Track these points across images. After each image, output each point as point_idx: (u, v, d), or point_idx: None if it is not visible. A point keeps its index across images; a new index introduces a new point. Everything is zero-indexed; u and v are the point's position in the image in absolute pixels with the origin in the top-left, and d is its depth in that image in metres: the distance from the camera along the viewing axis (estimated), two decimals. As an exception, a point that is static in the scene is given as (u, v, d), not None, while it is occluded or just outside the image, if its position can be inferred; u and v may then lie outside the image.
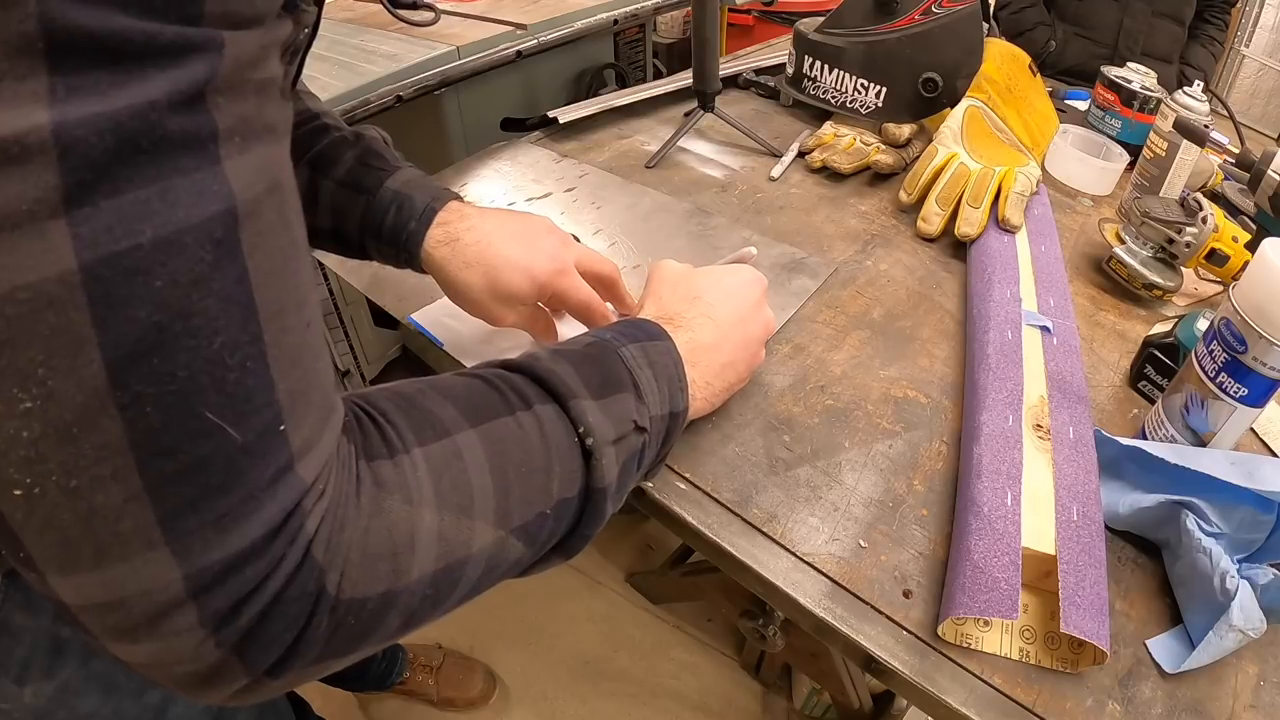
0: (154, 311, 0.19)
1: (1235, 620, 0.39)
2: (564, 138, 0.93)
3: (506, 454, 0.31)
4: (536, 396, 0.33)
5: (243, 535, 0.22)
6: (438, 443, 0.29)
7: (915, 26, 0.84)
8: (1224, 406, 0.46)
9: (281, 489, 0.23)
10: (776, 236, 0.74)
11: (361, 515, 0.25)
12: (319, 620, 0.24)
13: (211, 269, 0.20)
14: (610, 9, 1.29)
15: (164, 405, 0.20)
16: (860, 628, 0.42)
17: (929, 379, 0.58)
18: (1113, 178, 0.90)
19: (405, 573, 0.26)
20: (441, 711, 1.18)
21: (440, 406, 0.30)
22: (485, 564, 0.30)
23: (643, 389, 0.37)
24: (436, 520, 0.27)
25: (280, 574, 0.23)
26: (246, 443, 0.22)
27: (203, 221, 0.20)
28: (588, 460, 0.33)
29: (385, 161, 0.52)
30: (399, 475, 0.27)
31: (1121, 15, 1.30)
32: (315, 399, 0.25)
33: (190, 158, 0.20)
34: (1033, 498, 0.45)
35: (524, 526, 0.31)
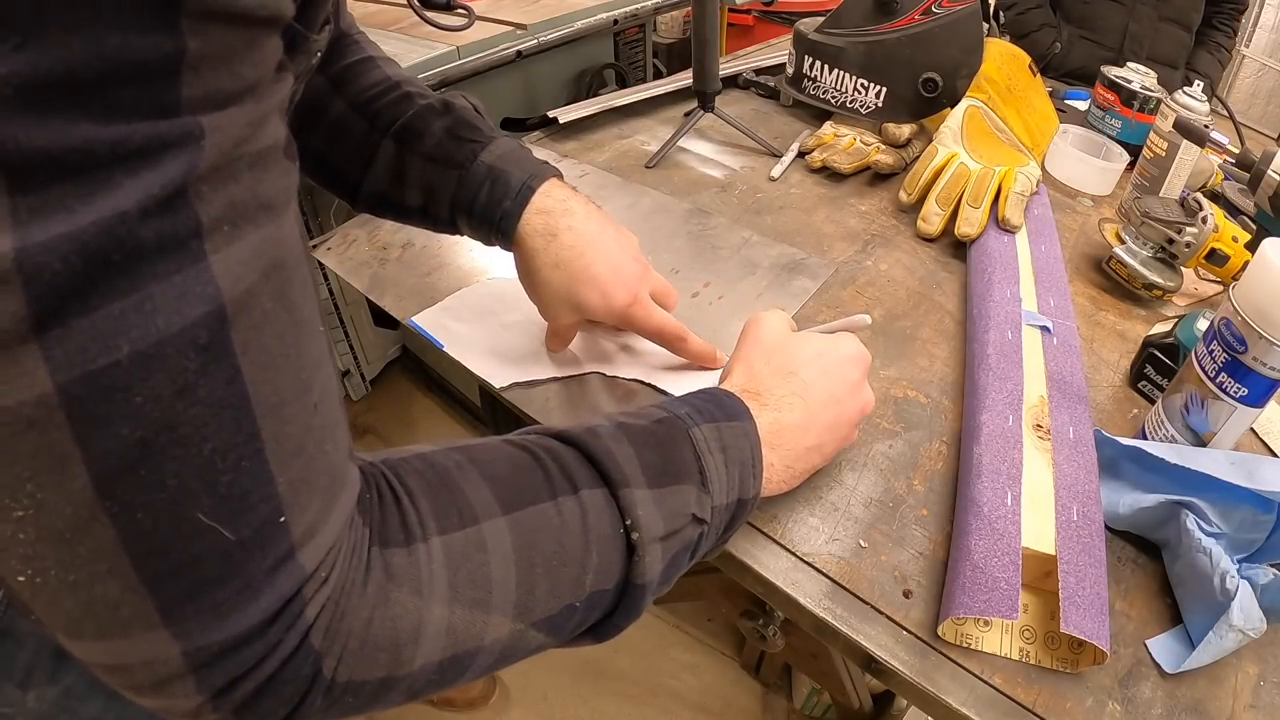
0: (137, 427, 0.19)
1: (1235, 620, 0.39)
2: (564, 138, 0.93)
3: (538, 546, 0.29)
4: (585, 480, 0.31)
5: (239, 622, 0.22)
6: (461, 531, 0.27)
7: (915, 26, 0.84)
8: (1224, 406, 0.46)
9: (281, 577, 0.23)
10: (776, 236, 0.74)
11: (365, 605, 0.25)
12: (313, 700, 0.24)
13: (197, 376, 0.20)
14: (610, 9, 1.29)
15: (154, 511, 0.20)
16: (860, 628, 0.42)
17: (929, 379, 0.58)
18: (1113, 178, 0.90)
19: (407, 663, 0.26)
20: (441, 711, 1.18)
21: (474, 487, 0.29)
22: (499, 653, 0.29)
23: (709, 477, 0.35)
24: (446, 614, 0.26)
25: (275, 658, 0.23)
26: (241, 539, 0.22)
27: (185, 328, 0.19)
28: (630, 554, 0.31)
29: (478, 132, 0.49)
30: (412, 566, 0.26)
31: (1127, 19, 1.30)
32: (321, 483, 0.24)
33: (170, 261, 0.19)
34: (1033, 498, 0.45)
35: (548, 619, 0.30)
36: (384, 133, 0.49)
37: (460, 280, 0.66)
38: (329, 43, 0.38)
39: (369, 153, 0.49)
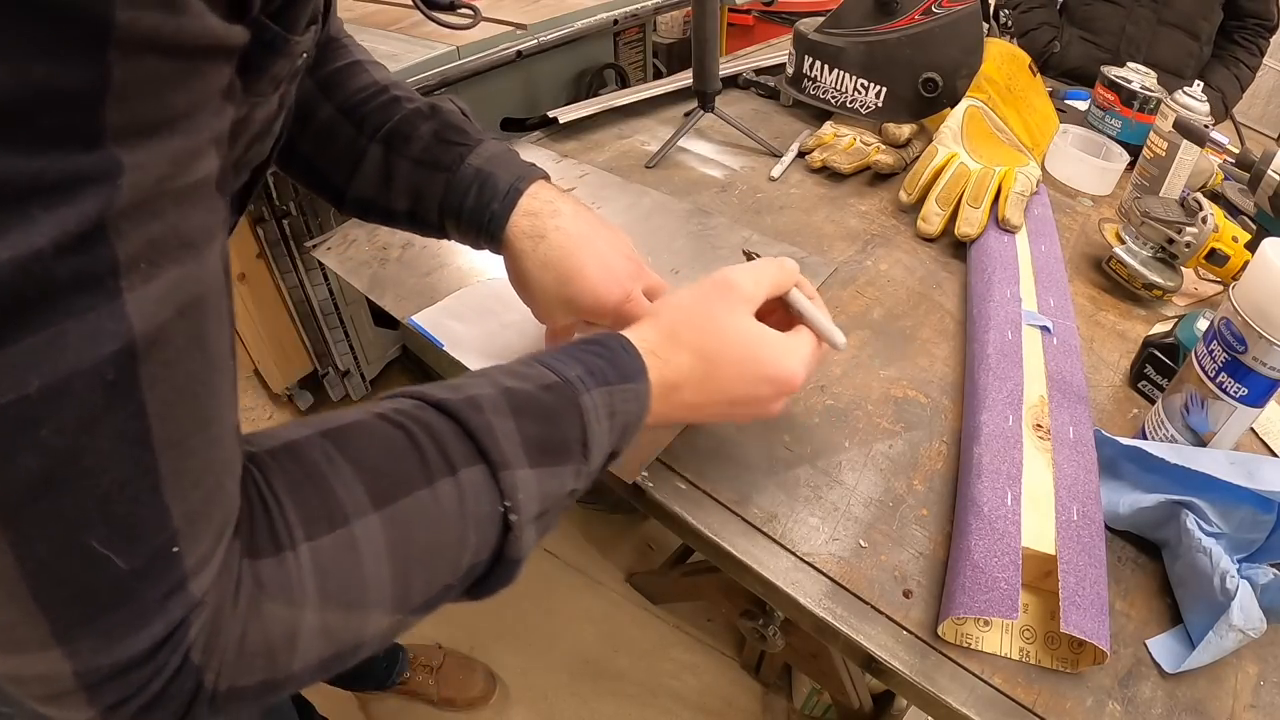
0: (42, 459, 0.19)
1: (1235, 620, 0.39)
2: (564, 138, 0.93)
3: (413, 539, 0.28)
4: (463, 457, 0.30)
5: (129, 647, 0.22)
6: (330, 535, 0.27)
7: (915, 26, 0.84)
8: (1224, 406, 0.46)
9: (172, 605, 0.23)
10: (776, 236, 0.74)
11: (238, 620, 0.25)
12: (198, 710, 0.25)
13: (103, 411, 0.20)
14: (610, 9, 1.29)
15: (52, 540, 0.20)
16: (860, 627, 0.42)
17: (929, 379, 0.58)
18: (1113, 178, 0.90)
19: (285, 666, 0.26)
20: (441, 711, 1.18)
21: (344, 485, 0.27)
22: (380, 640, 0.29)
23: (591, 448, 0.34)
24: (320, 619, 0.26)
25: (160, 679, 0.23)
26: (134, 569, 0.22)
27: (94, 365, 0.19)
28: (506, 531, 0.31)
29: (466, 135, 0.49)
30: (282, 575, 0.26)
31: (1125, 21, 1.30)
32: (217, 516, 0.24)
33: (84, 298, 0.18)
34: (1033, 498, 0.45)
35: (425, 603, 0.30)
36: (371, 137, 0.49)
37: (460, 280, 0.66)
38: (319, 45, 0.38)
39: (356, 157, 0.49)
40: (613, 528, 1.45)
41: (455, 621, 1.30)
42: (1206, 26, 1.32)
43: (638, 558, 1.42)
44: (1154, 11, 1.29)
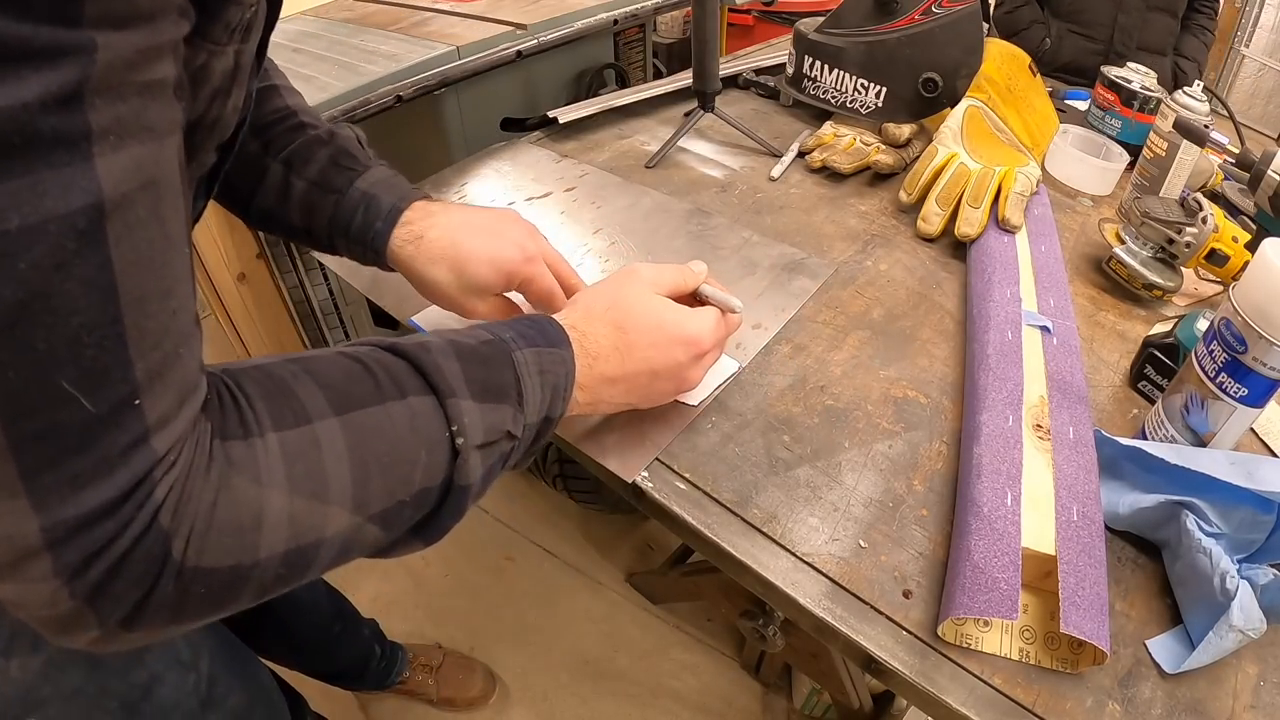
0: (17, 290, 0.21)
1: (1235, 620, 0.39)
2: (564, 138, 0.93)
3: (368, 444, 0.31)
4: (415, 389, 0.34)
5: (95, 495, 0.24)
6: (295, 430, 0.29)
7: (915, 26, 0.84)
8: (1224, 406, 0.46)
9: (135, 458, 0.25)
10: (776, 236, 0.74)
11: (209, 489, 0.27)
12: (165, 584, 0.26)
13: (74, 256, 0.22)
14: (610, 9, 1.28)
15: (24, 373, 0.22)
16: (860, 628, 0.42)
17: (929, 379, 0.58)
18: (1113, 178, 0.90)
19: (252, 549, 0.27)
20: (441, 711, 1.18)
21: (308, 393, 0.31)
22: (340, 546, 0.31)
23: (525, 398, 0.38)
24: (287, 504, 0.28)
25: (127, 536, 0.25)
26: (100, 414, 0.24)
27: (68, 213, 0.22)
28: (454, 458, 0.34)
29: (356, 161, 0.54)
30: (251, 457, 0.28)
31: (1116, 11, 1.30)
32: (175, 380, 0.26)
33: (62, 154, 0.21)
34: (1033, 498, 0.45)
35: (382, 513, 0.32)
36: (275, 156, 0.53)
37: (460, 280, 0.66)
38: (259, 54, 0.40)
39: (260, 172, 0.53)
40: (613, 528, 1.45)
41: (455, 621, 1.30)
42: (1181, 5, 1.35)
43: (638, 558, 1.42)
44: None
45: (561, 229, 0.75)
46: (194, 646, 0.56)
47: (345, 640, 1.01)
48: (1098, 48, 1.33)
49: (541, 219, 0.77)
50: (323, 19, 1.27)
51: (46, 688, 0.45)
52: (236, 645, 0.66)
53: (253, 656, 0.69)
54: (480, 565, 1.40)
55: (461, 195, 0.81)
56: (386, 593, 1.34)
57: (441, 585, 1.37)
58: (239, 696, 0.61)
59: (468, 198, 0.81)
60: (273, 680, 0.73)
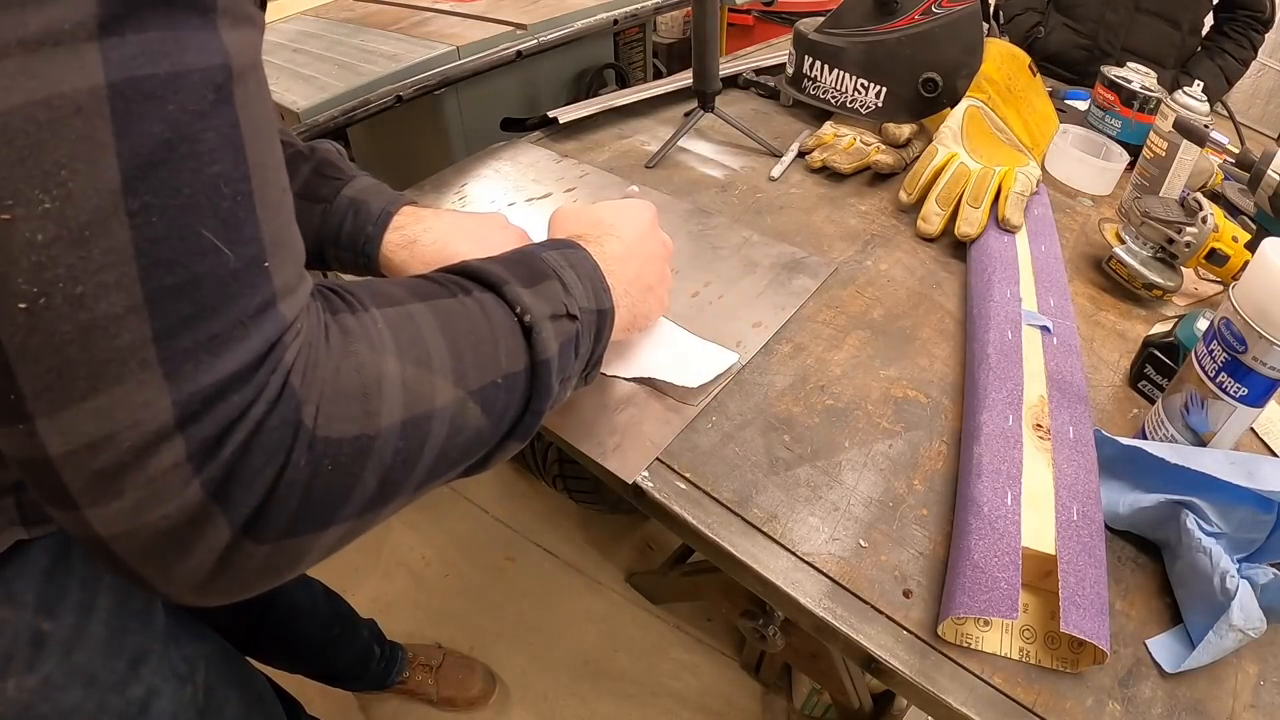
0: (165, 130, 0.22)
1: (1235, 620, 0.39)
2: (564, 138, 0.93)
3: (455, 325, 0.33)
4: (474, 287, 0.36)
5: (231, 359, 0.24)
6: (392, 308, 0.31)
7: (915, 26, 0.84)
8: (1224, 406, 0.46)
9: (266, 321, 0.25)
10: (776, 236, 0.74)
11: (332, 355, 0.27)
12: (298, 457, 0.25)
13: (212, 106, 0.23)
14: (610, 9, 1.28)
15: (168, 216, 0.22)
16: (860, 627, 0.42)
17: (929, 379, 0.58)
18: (1113, 178, 0.90)
19: (375, 415, 0.28)
20: (441, 711, 1.18)
21: (390, 287, 0.33)
22: (450, 424, 0.31)
23: (568, 283, 0.40)
24: (399, 369, 0.29)
25: (263, 401, 0.25)
26: (237, 268, 0.24)
27: (206, 68, 0.23)
28: (528, 336, 0.36)
29: (340, 171, 0.54)
30: (362, 327, 0.29)
31: (1104, 9, 1.30)
32: (292, 253, 0.27)
33: (198, 19, 0.23)
34: (1033, 497, 0.45)
35: (480, 390, 0.33)
36: None
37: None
38: None
39: None
40: (613, 528, 1.45)
41: (455, 621, 1.30)
42: (1189, 16, 1.31)
43: (638, 558, 1.42)
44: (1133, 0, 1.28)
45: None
46: (190, 659, 0.56)
47: (344, 641, 1.01)
48: (1084, 43, 1.32)
49: (542, 219, 0.76)
50: (323, 19, 1.27)
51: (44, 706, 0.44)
52: (232, 654, 0.66)
53: (249, 665, 0.69)
54: (480, 565, 1.40)
55: (461, 195, 0.81)
56: (386, 593, 1.34)
57: (441, 585, 1.37)
58: (236, 706, 0.61)
59: (468, 198, 0.81)
60: (269, 687, 0.73)
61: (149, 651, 0.52)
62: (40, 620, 0.44)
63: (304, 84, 0.97)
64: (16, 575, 0.44)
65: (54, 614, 0.45)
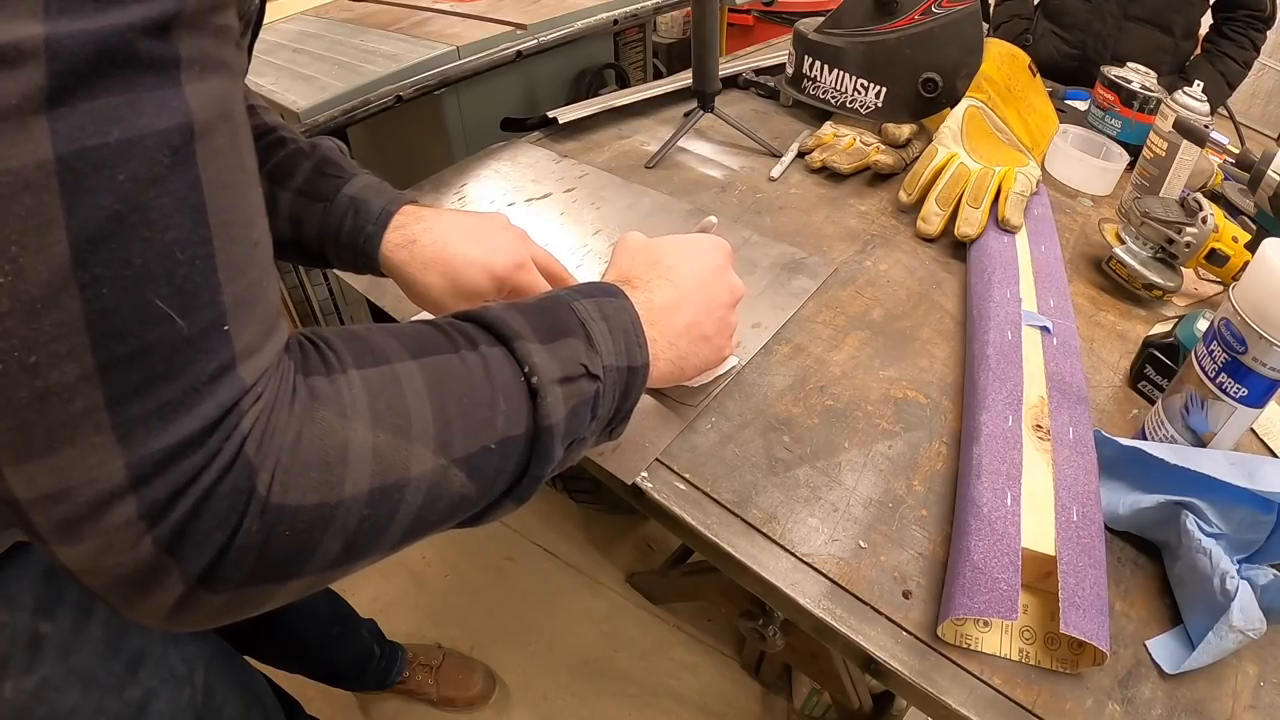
0: (115, 201, 0.22)
1: (1235, 621, 0.39)
2: (564, 138, 0.93)
3: (447, 386, 0.31)
4: (484, 340, 0.34)
5: (183, 426, 0.24)
6: (376, 368, 0.30)
7: (915, 26, 0.84)
8: (1224, 407, 0.46)
9: (222, 386, 0.25)
10: (776, 236, 0.74)
11: (294, 421, 0.26)
12: (250, 522, 0.25)
13: (168, 171, 0.23)
14: (610, 9, 1.28)
15: (119, 288, 0.22)
16: (860, 628, 0.42)
17: (929, 379, 0.58)
18: (1113, 178, 0.90)
19: (338, 484, 0.27)
20: (441, 711, 1.18)
21: (383, 340, 0.32)
22: (427, 491, 0.30)
23: (594, 338, 0.38)
24: (371, 437, 0.28)
25: (214, 468, 0.24)
26: (191, 335, 0.24)
27: (162, 130, 0.23)
28: (534, 399, 0.34)
29: (341, 169, 0.54)
30: (334, 391, 0.28)
31: (1091, 17, 1.29)
32: (259, 312, 0.27)
33: (155, 77, 0.23)
34: (1032, 498, 0.45)
35: (467, 458, 0.31)
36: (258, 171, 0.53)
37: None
38: None
39: None
40: (613, 528, 1.45)
41: (455, 621, 1.30)
42: (1181, 20, 1.28)
43: (638, 558, 1.42)
44: (1121, 7, 1.26)
45: (561, 230, 0.75)
46: (189, 660, 0.56)
47: (343, 641, 1.01)
48: (1073, 51, 1.31)
49: (541, 220, 0.77)
50: (323, 19, 1.27)
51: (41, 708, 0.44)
52: (231, 655, 0.66)
53: (248, 665, 0.69)
54: (480, 565, 1.40)
55: (461, 195, 0.81)
56: (386, 593, 1.34)
57: (441, 585, 1.37)
58: (235, 706, 0.61)
59: (467, 198, 0.81)
60: (268, 687, 0.73)
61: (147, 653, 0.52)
62: (38, 622, 0.44)
63: (304, 84, 0.97)
64: (14, 577, 0.44)
65: (52, 616, 0.45)
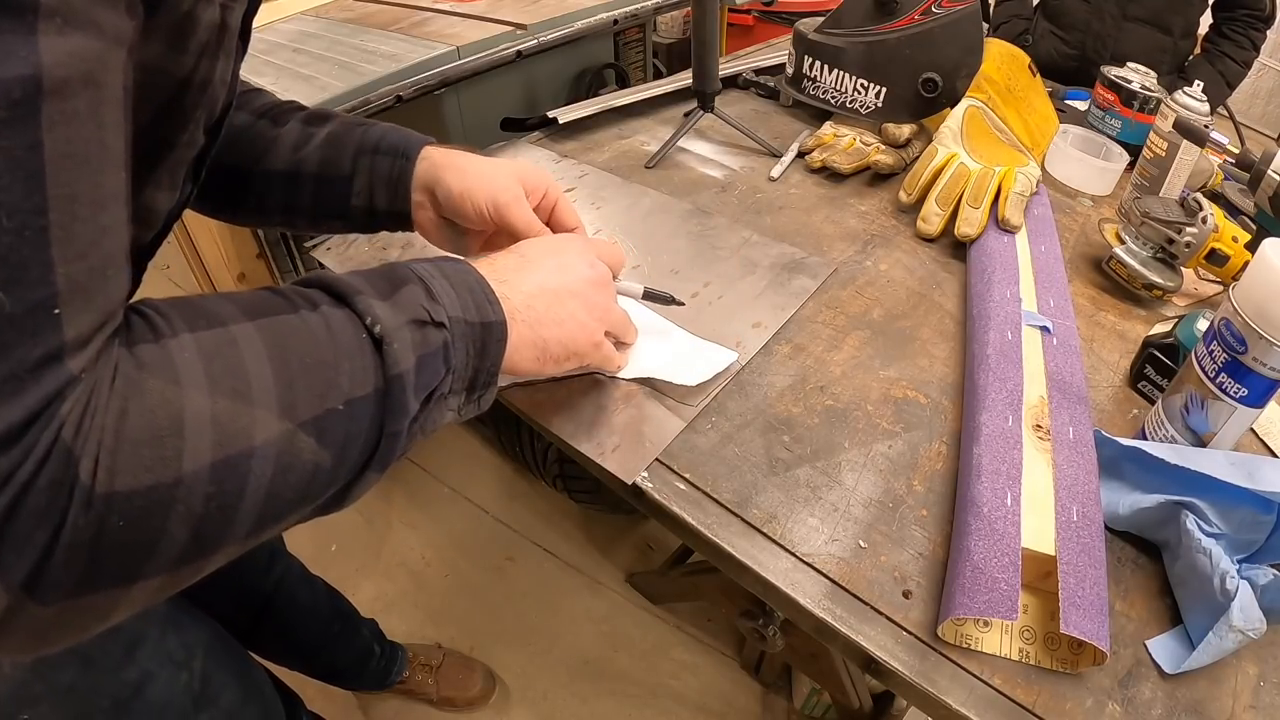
0: None
1: (1235, 621, 0.39)
2: (564, 138, 0.93)
3: (288, 347, 0.29)
4: (324, 300, 0.33)
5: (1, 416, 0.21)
6: (210, 330, 0.28)
7: (915, 26, 0.84)
8: (1224, 407, 0.46)
9: (47, 375, 0.22)
10: (776, 236, 0.74)
11: (116, 397, 0.24)
12: (75, 517, 0.22)
13: (3, 126, 0.21)
14: (610, 9, 1.28)
15: None
16: (860, 628, 0.42)
17: (929, 379, 0.58)
18: (1113, 178, 0.90)
19: (174, 461, 0.24)
20: (441, 711, 1.18)
21: (217, 304, 0.29)
22: (275, 461, 0.28)
23: (435, 291, 0.36)
24: (208, 404, 0.26)
25: (30, 461, 0.22)
26: (14, 313, 0.21)
27: (3, 79, 0.20)
28: (379, 350, 0.32)
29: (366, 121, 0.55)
30: (164, 356, 0.26)
31: (1090, 18, 1.29)
32: (98, 301, 0.24)
33: (7, 19, 0.20)
34: (1032, 498, 0.45)
35: (315, 420, 0.29)
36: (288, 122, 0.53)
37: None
38: None
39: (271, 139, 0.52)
40: (613, 528, 1.45)
41: (455, 621, 1.30)
42: (1180, 20, 1.28)
43: (638, 558, 1.42)
44: (1120, 7, 1.26)
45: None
46: (188, 646, 0.56)
47: (344, 639, 1.01)
48: (1072, 52, 1.31)
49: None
50: (323, 19, 1.27)
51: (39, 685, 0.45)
52: (231, 643, 0.66)
53: (247, 655, 0.69)
54: (480, 565, 1.40)
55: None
56: (386, 592, 1.34)
57: (441, 585, 1.37)
58: (232, 695, 0.62)
59: (467, 198, 0.81)
60: (268, 679, 0.73)
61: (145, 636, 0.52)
62: None
63: (304, 84, 0.97)
64: None
65: None
